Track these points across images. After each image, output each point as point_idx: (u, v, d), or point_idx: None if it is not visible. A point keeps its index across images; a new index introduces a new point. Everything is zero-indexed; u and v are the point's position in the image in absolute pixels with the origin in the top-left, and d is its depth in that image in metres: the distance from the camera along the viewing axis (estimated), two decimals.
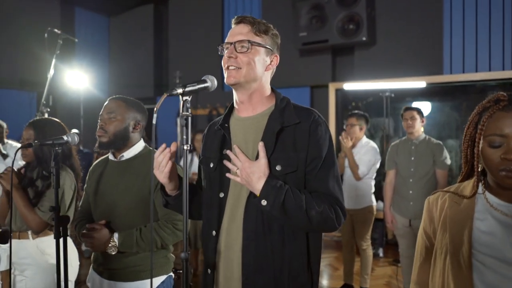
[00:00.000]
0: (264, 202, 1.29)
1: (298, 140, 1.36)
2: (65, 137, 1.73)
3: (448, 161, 3.49)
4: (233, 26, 1.44)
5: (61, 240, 1.74)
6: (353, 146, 3.93)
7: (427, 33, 5.37)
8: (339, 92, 5.90)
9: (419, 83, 5.06)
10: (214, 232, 1.41)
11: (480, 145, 1.11)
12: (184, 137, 1.25)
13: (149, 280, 1.86)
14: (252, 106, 1.43)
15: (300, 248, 1.37)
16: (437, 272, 1.19)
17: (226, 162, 1.38)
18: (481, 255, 1.10)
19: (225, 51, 1.40)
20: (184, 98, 1.25)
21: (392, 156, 3.68)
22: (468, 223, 1.14)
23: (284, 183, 1.32)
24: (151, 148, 2.01)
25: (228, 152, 1.39)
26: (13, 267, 2.15)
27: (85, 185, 2.04)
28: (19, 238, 2.15)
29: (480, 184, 1.17)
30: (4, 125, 4.09)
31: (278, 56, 1.46)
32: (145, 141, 2.06)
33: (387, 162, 3.72)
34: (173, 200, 1.46)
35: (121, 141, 1.92)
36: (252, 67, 1.37)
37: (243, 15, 1.43)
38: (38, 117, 2.24)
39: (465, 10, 5.20)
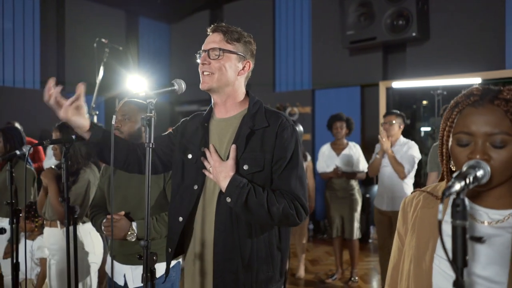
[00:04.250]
0: (228, 199, 1.42)
1: (266, 142, 1.47)
2: (73, 137, 1.94)
3: None
4: (209, 34, 1.56)
5: (76, 228, 1.96)
6: (391, 145, 3.79)
7: (486, 25, 4.96)
8: (390, 90, 5.67)
9: (475, 80, 4.71)
10: (181, 218, 1.54)
11: (450, 143, 1.04)
12: (147, 136, 1.36)
13: (160, 264, 2.02)
14: (225, 108, 1.56)
15: (269, 239, 1.50)
16: (404, 276, 1.14)
17: (203, 159, 1.51)
18: (444, 261, 1.04)
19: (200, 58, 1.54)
20: (148, 100, 1.38)
21: (434, 158, 3.45)
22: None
23: (250, 181, 1.43)
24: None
25: (205, 150, 1.52)
26: (48, 252, 2.45)
27: (98, 181, 2.23)
28: (50, 226, 2.45)
29: None
30: None
31: (251, 62, 1.57)
32: None
33: (428, 163, 3.51)
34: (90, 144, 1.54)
35: (135, 141, 2.09)
36: (223, 73, 1.49)
37: (219, 24, 1.55)
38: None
39: None
